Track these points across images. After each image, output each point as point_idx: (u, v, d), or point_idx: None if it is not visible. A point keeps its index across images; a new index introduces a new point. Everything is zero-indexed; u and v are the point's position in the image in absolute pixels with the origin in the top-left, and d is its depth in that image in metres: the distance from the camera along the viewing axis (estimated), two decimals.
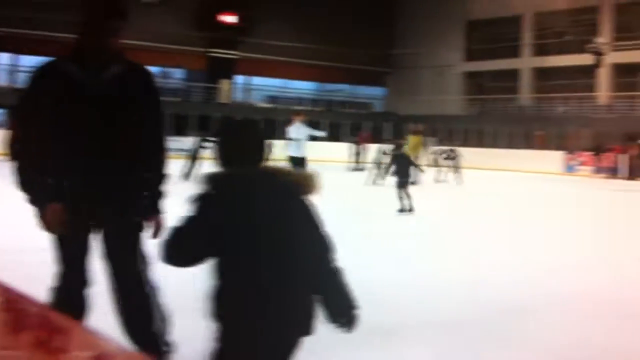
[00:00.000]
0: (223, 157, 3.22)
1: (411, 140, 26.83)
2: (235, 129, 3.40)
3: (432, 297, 7.52)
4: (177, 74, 50.46)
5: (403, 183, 15.63)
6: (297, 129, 18.47)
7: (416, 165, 18.28)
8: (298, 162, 17.17)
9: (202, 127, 42.02)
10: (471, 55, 51.28)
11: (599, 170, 36.50)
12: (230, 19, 47.75)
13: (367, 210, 16.62)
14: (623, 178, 34.05)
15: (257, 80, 52.06)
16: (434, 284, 8.19)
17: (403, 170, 15.89)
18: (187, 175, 22.50)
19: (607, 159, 36.38)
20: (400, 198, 15.42)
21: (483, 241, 12.12)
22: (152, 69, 37.47)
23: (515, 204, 20.34)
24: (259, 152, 3.23)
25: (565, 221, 15.94)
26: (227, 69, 48.12)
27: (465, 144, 44.57)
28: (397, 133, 38.93)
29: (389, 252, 10.46)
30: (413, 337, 5.96)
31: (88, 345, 1.65)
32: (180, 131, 41.82)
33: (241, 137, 3.27)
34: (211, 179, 3.10)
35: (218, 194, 3.10)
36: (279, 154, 10.40)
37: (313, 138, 20.01)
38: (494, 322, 6.52)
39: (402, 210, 15.27)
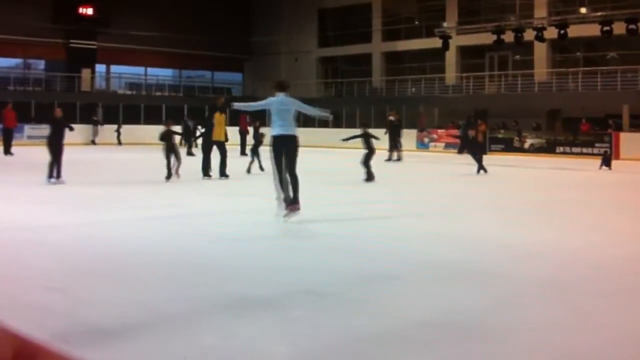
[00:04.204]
0: None
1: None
2: None
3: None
4: (39, 65, 51.23)
5: None
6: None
7: None
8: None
9: (66, 114, 42.27)
10: (326, 42, 53.31)
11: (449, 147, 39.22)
12: (87, 11, 48.47)
13: None
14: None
15: (118, 69, 52.70)
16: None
17: None
18: None
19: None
20: None
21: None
22: (13, 61, 37.10)
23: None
24: None
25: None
26: (88, 59, 48.62)
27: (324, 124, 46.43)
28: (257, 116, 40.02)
29: None
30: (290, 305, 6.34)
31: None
32: (43, 119, 42.09)
33: None
34: None
35: None
36: None
37: None
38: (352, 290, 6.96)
39: None
